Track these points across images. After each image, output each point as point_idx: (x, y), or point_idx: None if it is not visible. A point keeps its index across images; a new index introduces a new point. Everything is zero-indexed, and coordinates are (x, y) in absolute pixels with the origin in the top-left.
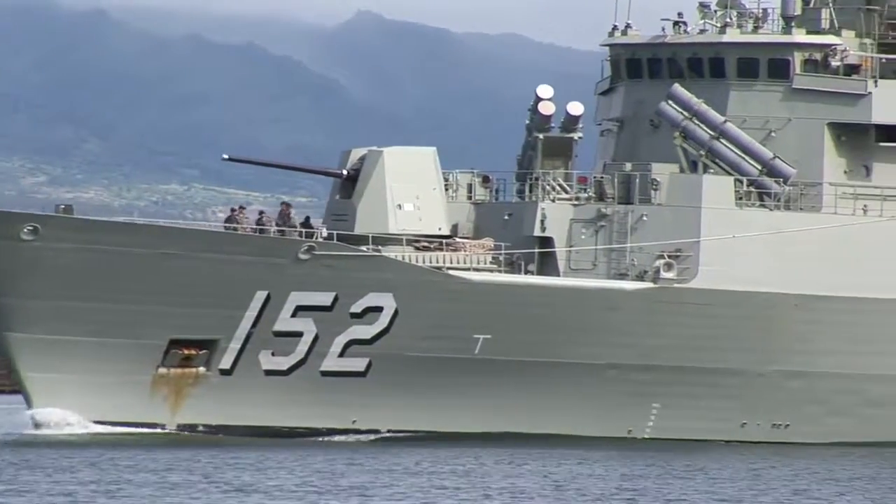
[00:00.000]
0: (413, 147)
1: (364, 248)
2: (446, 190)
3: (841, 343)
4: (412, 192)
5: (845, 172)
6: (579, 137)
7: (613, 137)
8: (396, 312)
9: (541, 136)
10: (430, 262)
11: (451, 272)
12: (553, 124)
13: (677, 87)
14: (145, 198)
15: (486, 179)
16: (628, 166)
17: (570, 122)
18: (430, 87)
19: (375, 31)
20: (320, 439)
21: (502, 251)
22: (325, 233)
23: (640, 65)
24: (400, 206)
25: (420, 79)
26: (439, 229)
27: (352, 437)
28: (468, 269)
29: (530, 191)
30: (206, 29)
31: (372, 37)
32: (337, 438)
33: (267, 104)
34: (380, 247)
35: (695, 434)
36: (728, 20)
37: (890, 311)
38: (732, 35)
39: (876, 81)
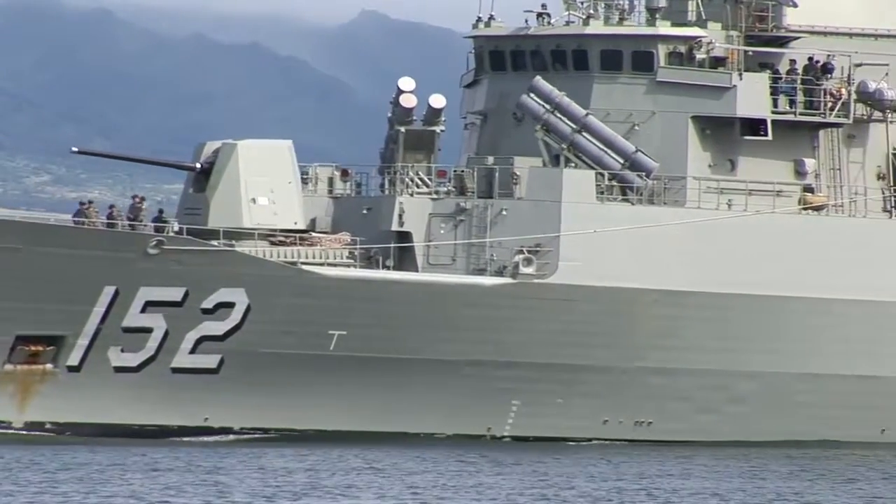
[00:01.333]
0: (268, 140)
1: (215, 242)
2: (306, 184)
3: (706, 339)
4: (267, 185)
5: (710, 166)
6: (441, 130)
7: (477, 131)
8: (249, 308)
9: (402, 129)
10: (285, 257)
11: (304, 267)
12: (416, 117)
13: (539, 80)
14: (150, 197)
15: (344, 173)
16: (491, 160)
17: (433, 114)
18: (435, 86)
19: (380, 31)
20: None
21: (357, 246)
22: (176, 227)
23: (503, 57)
24: (254, 200)
25: (424, 78)
26: (295, 224)
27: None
28: (323, 265)
29: (391, 185)
30: (210, 29)
31: (377, 36)
32: (187, 438)
33: (271, 104)
34: (233, 241)
35: (555, 432)
36: (592, 12)
37: (754, 306)
38: (596, 27)
39: (741, 74)
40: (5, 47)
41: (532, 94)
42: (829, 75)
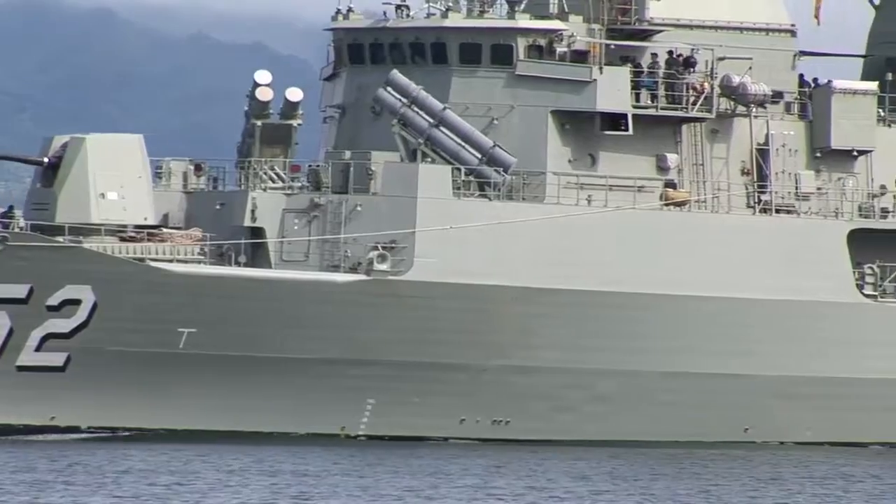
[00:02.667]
0: (118, 134)
1: (61, 238)
2: (159, 178)
3: (565, 337)
4: (116, 180)
5: (570, 161)
6: (299, 124)
7: (335, 125)
8: (95, 305)
9: (259, 122)
10: (133, 254)
11: (152, 264)
12: (273, 110)
13: (396, 73)
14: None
15: (198, 168)
16: (347, 154)
17: (289, 108)
18: None
19: None
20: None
21: (208, 242)
22: (22, 222)
23: (362, 50)
24: (103, 195)
25: None
26: (145, 219)
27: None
28: (172, 261)
29: (245, 180)
30: (212, 28)
31: None
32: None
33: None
34: (81, 237)
35: (411, 431)
36: (451, 4)
37: (615, 304)
38: (455, 20)
39: (601, 68)
40: (7, 48)
41: (389, 88)
42: (692, 69)
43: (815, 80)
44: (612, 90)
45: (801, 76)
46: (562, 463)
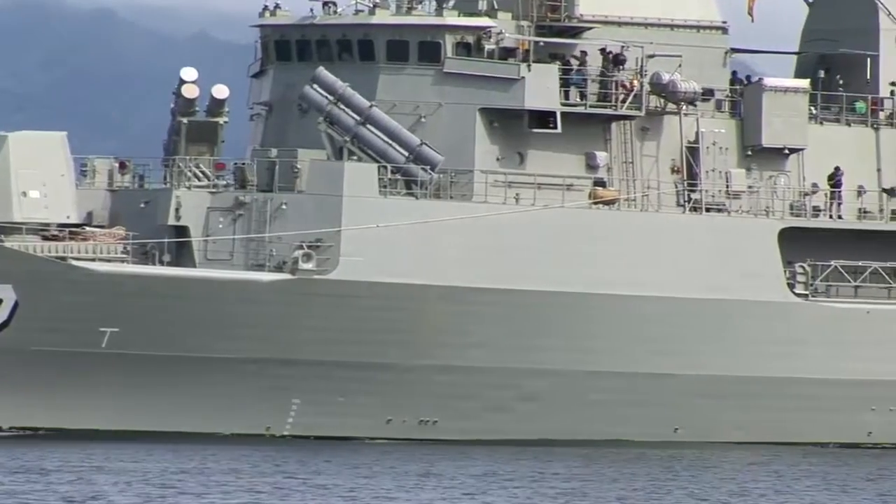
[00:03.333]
0: (40, 132)
1: None
2: (84, 176)
3: (493, 337)
4: (38, 178)
5: (498, 160)
6: (225, 122)
7: (262, 122)
8: (17, 305)
9: (185, 120)
10: (56, 252)
11: (74, 262)
12: (199, 108)
13: (322, 71)
14: None
15: (122, 166)
16: (274, 152)
17: (215, 105)
18: None
19: None
20: None
21: (131, 241)
22: None
23: (289, 47)
24: (25, 194)
25: None
26: (67, 217)
27: None
28: (94, 260)
29: (170, 178)
30: (212, 27)
31: None
32: None
33: None
34: (2, 236)
35: (337, 431)
36: (379, 1)
37: (544, 303)
38: (382, 17)
39: (529, 66)
40: (8, 47)
41: (315, 85)
42: (622, 67)
43: (747, 77)
44: (541, 88)
45: (734, 74)
46: (484, 463)
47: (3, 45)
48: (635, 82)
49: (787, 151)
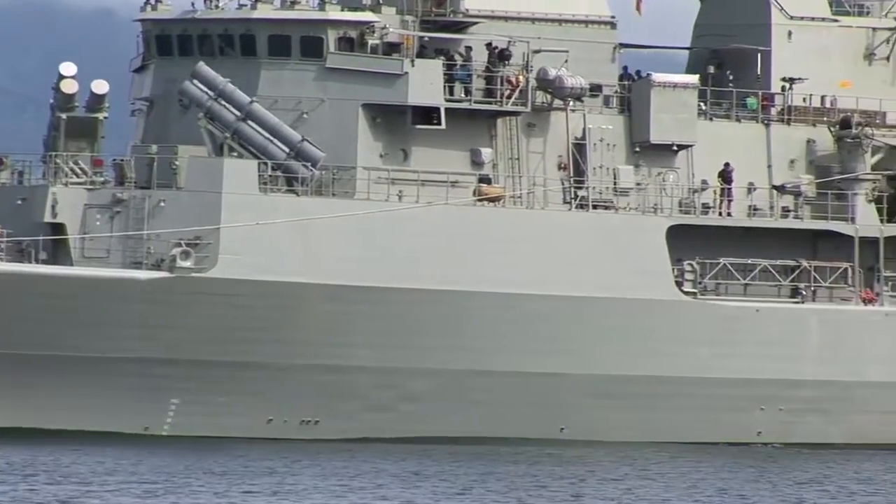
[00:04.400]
0: None
1: None
2: None
3: (376, 335)
4: None
5: (381, 156)
6: (105, 117)
7: (143, 118)
8: None
9: (64, 115)
10: None
11: None
12: (79, 103)
13: (202, 66)
14: None
15: (0, 162)
16: (154, 149)
17: (95, 101)
18: None
19: None
20: None
21: (5, 239)
22: None
23: (170, 41)
24: None
25: None
26: None
27: None
28: None
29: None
30: None
31: None
32: None
33: None
34: None
35: (217, 430)
36: None
37: (428, 301)
38: (264, 11)
39: (413, 61)
40: (8, 47)
41: (195, 81)
42: (507, 62)
43: (637, 73)
44: (425, 83)
45: (625, 69)
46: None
47: (3, 46)
48: (521, 78)
49: (675, 148)
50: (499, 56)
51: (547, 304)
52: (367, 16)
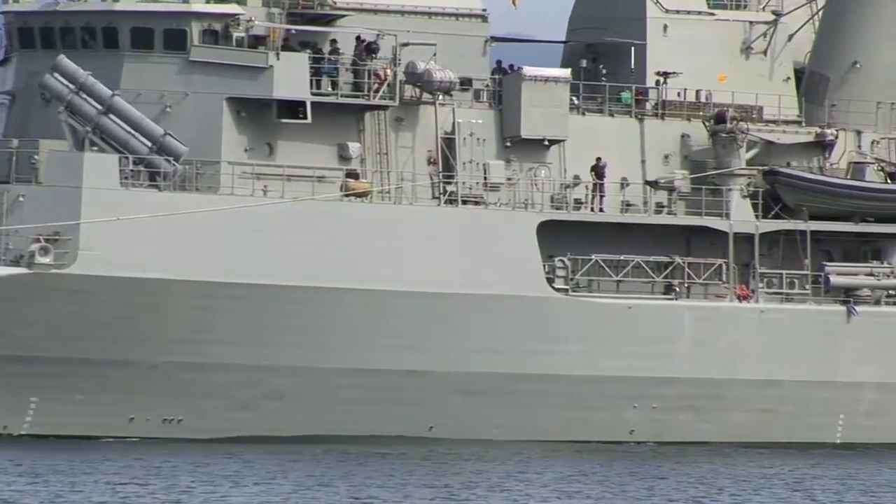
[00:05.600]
0: None
1: None
2: None
3: (240, 333)
4: None
5: (246, 151)
6: None
7: (5, 112)
8: None
9: None
10: None
11: None
12: None
13: (63, 59)
14: None
15: None
16: (15, 143)
17: None
18: None
19: None
20: None
21: None
22: None
23: (32, 34)
24: None
25: None
26: None
27: None
28: None
29: None
30: None
31: None
32: None
33: None
34: None
35: (78, 430)
36: None
37: (293, 298)
38: (127, 3)
39: (278, 54)
40: None
41: (56, 74)
42: (375, 55)
43: (510, 66)
44: (290, 77)
45: (498, 63)
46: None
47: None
48: (389, 71)
49: (547, 143)
50: (366, 49)
51: (415, 301)
52: (231, 8)
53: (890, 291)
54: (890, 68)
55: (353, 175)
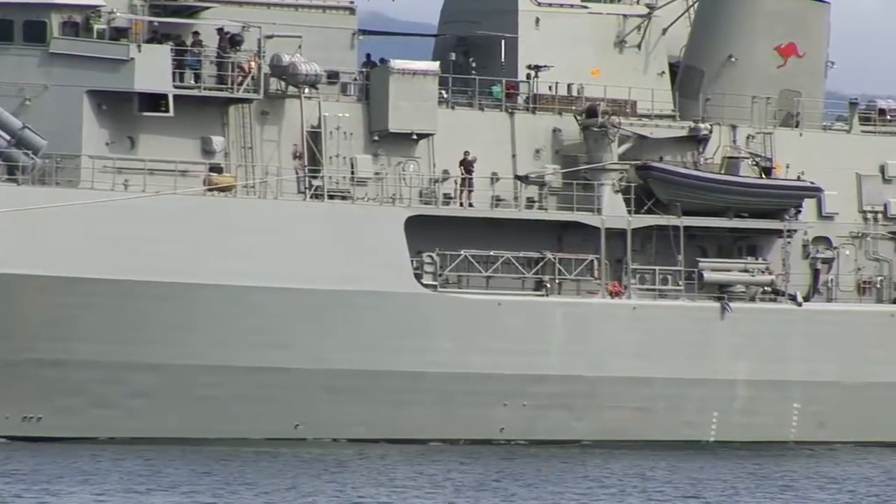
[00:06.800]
0: None
1: None
2: None
3: (100, 329)
4: None
5: (107, 144)
6: None
7: None
8: None
9: None
10: None
11: None
12: None
13: None
14: None
15: None
16: None
17: None
18: None
19: None
20: None
21: None
22: None
23: None
24: None
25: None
26: None
27: None
28: None
29: None
30: None
31: None
32: None
33: None
34: None
35: None
36: None
37: (154, 294)
38: None
39: (140, 46)
40: None
41: None
42: (239, 48)
43: (381, 60)
44: (152, 69)
45: (368, 57)
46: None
47: None
48: (253, 64)
49: (415, 137)
50: (230, 42)
51: (280, 297)
52: (92, 0)
53: (764, 288)
54: (765, 63)
55: (216, 169)
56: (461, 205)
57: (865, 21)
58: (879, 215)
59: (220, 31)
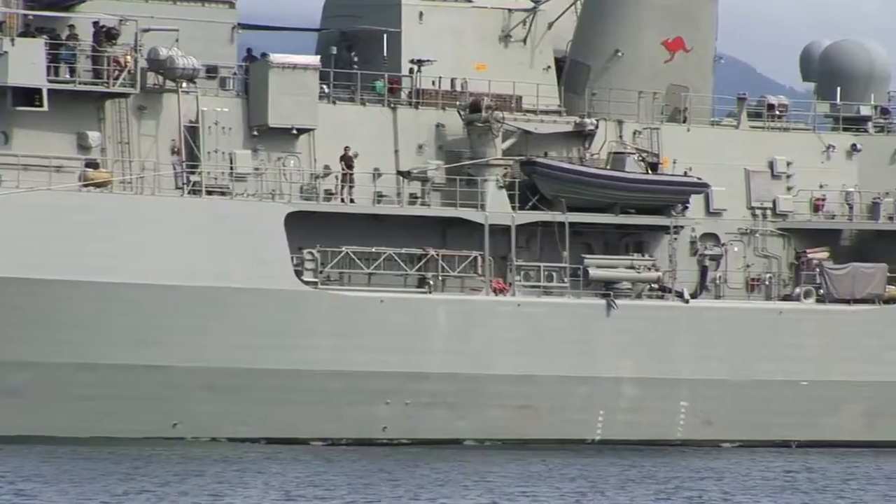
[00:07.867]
0: None
1: None
2: None
3: None
4: None
5: None
6: None
7: None
8: None
9: None
10: None
11: None
12: None
13: None
14: None
15: None
16: None
17: None
18: None
19: None
20: None
21: None
22: None
23: None
24: None
25: None
26: None
27: None
28: None
29: None
30: None
31: None
32: None
33: None
34: None
35: None
36: None
37: (27, 291)
38: None
39: (13, 40)
40: None
41: None
42: (115, 41)
43: (262, 54)
44: (25, 63)
45: (248, 51)
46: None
47: None
48: (129, 58)
49: (295, 132)
50: (106, 35)
51: (157, 294)
52: None
53: (651, 285)
54: (652, 57)
55: (92, 164)
56: (342, 201)
57: (865, 21)
58: (768, 211)
59: (95, 24)
